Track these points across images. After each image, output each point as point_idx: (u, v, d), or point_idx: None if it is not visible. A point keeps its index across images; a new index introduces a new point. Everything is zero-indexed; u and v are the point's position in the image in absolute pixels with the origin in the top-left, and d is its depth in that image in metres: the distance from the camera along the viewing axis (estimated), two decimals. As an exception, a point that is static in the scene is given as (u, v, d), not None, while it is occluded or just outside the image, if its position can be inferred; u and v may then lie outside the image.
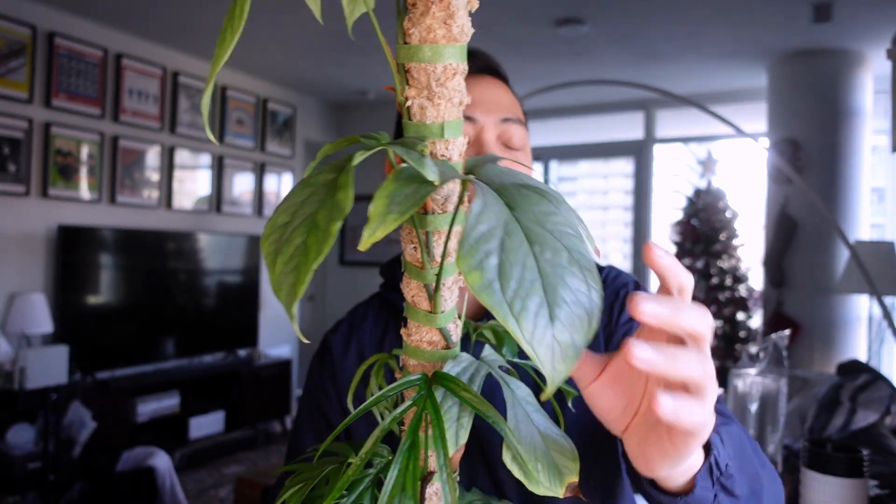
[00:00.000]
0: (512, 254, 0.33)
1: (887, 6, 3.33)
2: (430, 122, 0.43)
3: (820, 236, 3.98)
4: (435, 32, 0.42)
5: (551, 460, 0.46)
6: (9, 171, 3.54)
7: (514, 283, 0.33)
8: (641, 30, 3.79)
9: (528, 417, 0.47)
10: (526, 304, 0.32)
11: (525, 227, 0.35)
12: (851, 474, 1.26)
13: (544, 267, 0.33)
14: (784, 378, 1.60)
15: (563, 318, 0.33)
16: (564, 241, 0.35)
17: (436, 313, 0.46)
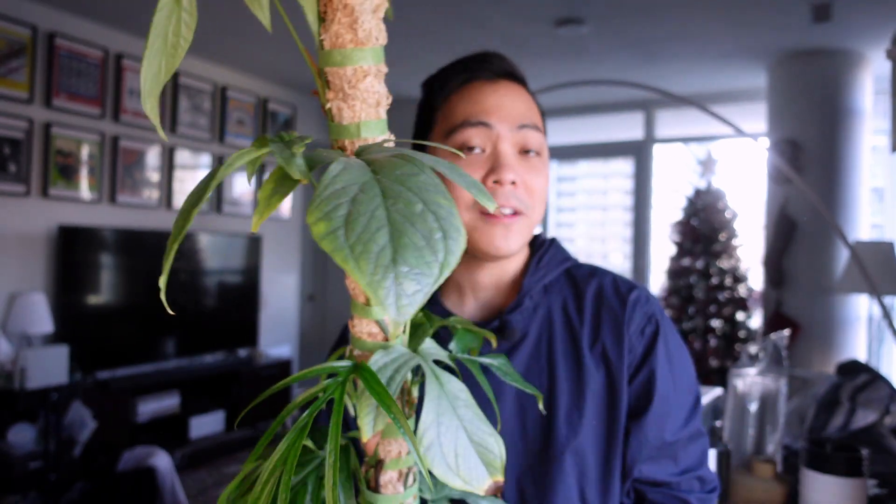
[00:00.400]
0: (362, 205, 0.34)
1: (887, 6, 3.33)
2: (347, 123, 0.46)
3: (819, 236, 3.98)
4: (343, 38, 0.44)
5: (474, 456, 0.46)
6: (9, 171, 3.54)
7: (360, 229, 0.33)
8: (641, 30, 3.79)
9: (452, 412, 0.47)
10: (368, 248, 0.32)
11: (384, 185, 0.35)
12: (851, 474, 1.27)
13: (394, 216, 0.33)
14: (784, 378, 1.61)
15: (408, 259, 0.32)
16: (422, 195, 0.35)
17: (371, 306, 0.48)
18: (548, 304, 0.84)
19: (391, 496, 0.53)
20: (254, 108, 5.06)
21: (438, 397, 0.47)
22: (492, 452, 0.46)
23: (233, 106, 4.86)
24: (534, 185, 0.80)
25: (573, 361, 0.81)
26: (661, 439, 0.80)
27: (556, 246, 0.89)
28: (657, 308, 0.84)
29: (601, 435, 0.79)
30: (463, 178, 0.41)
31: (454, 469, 0.45)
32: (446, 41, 4.03)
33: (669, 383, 0.81)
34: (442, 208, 0.35)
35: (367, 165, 0.37)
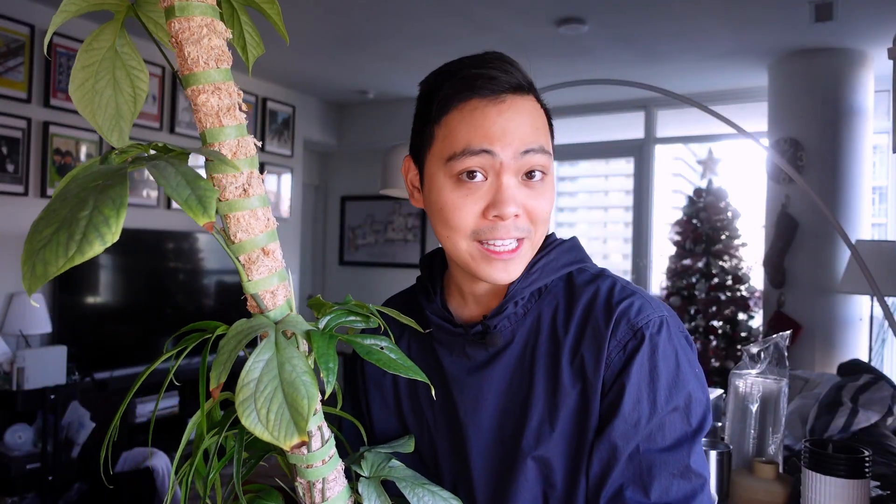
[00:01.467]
0: (61, 203, 0.47)
1: (888, 5, 3.32)
2: (200, 132, 0.62)
3: (821, 236, 3.97)
4: (182, 66, 0.60)
5: (286, 415, 0.51)
6: (7, 171, 3.53)
7: (44, 222, 0.46)
8: (642, 29, 3.78)
9: (276, 373, 0.54)
10: (34, 236, 0.47)
11: (87, 193, 0.46)
12: (853, 475, 1.25)
13: (66, 217, 0.46)
14: (785, 378, 1.59)
15: (47, 251, 0.46)
16: (97, 204, 0.45)
17: (243, 281, 0.60)
18: (538, 310, 0.81)
19: (297, 456, 0.62)
20: (253, 107, 5.05)
21: (268, 360, 0.54)
22: (300, 413, 0.51)
23: (232, 106, 4.86)
24: (536, 209, 0.76)
25: (551, 375, 0.77)
26: (626, 457, 0.72)
27: (562, 248, 0.84)
28: (651, 322, 0.75)
29: (571, 453, 0.75)
30: (183, 188, 0.51)
31: (264, 423, 0.51)
32: (446, 41, 4.02)
33: (647, 400, 0.73)
34: (100, 216, 0.45)
35: (109, 173, 0.49)
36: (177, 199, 0.47)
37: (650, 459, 0.71)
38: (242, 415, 0.50)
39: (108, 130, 0.58)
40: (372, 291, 5.85)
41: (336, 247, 6.22)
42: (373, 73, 4.84)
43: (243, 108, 0.58)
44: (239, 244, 0.59)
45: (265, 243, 0.61)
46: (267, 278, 0.60)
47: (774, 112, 4.26)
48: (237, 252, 0.59)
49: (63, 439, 3.14)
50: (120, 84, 0.62)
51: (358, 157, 6.11)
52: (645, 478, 0.71)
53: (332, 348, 0.59)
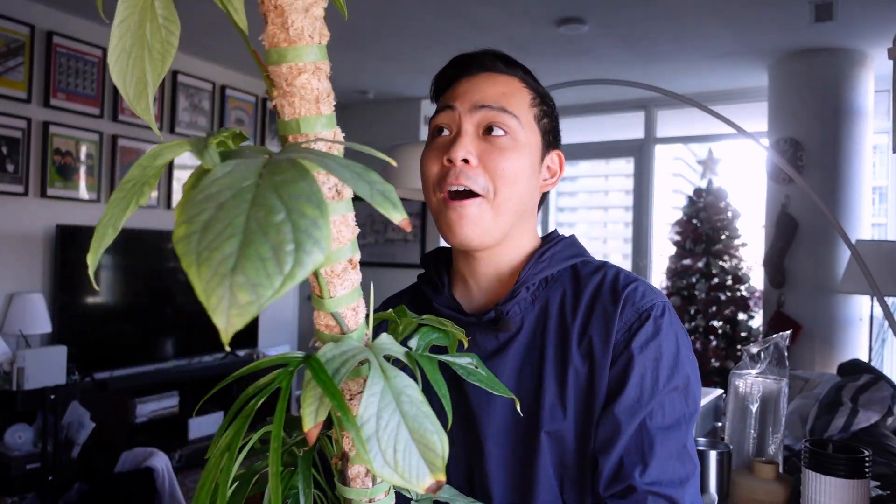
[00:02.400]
0: (225, 212, 0.34)
1: (889, 5, 3.32)
2: (289, 119, 0.47)
3: (821, 236, 3.97)
4: (277, 37, 0.46)
5: (416, 453, 0.46)
6: (7, 171, 3.53)
7: (212, 236, 0.33)
8: (642, 29, 3.78)
9: (395, 407, 0.47)
10: (212, 256, 0.32)
11: (258, 192, 0.35)
12: (853, 475, 1.25)
13: (251, 225, 0.33)
14: (785, 378, 1.59)
15: (247, 270, 0.32)
16: (290, 203, 0.34)
17: (324, 298, 0.50)
18: (546, 297, 0.84)
19: (360, 490, 0.53)
20: (253, 107, 5.05)
21: (382, 391, 0.47)
22: (434, 451, 0.46)
23: (232, 105, 4.85)
24: (494, 165, 0.79)
25: (561, 358, 0.80)
26: (629, 433, 0.74)
27: (566, 242, 0.88)
28: (655, 306, 0.79)
29: (581, 432, 0.78)
30: (361, 182, 0.41)
31: (391, 465, 0.45)
32: (446, 41, 4.02)
33: (650, 378, 0.76)
34: (305, 218, 0.34)
35: (262, 167, 0.37)
36: (361, 194, 0.40)
37: (651, 436, 0.74)
38: (369, 457, 0.45)
39: (136, 98, 0.47)
40: (372, 292, 5.84)
41: (336, 247, 6.22)
42: (373, 73, 4.84)
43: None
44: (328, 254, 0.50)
45: (352, 253, 0.53)
46: (350, 293, 0.53)
47: (774, 112, 4.26)
48: (325, 263, 0.51)
49: (63, 439, 3.14)
50: (150, 40, 0.51)
51: (357, 158, 6.09)
52: (646, 454, 0.74)
53: (438, 373, 0.55)
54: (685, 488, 0.74)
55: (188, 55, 4.53)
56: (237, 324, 0.31)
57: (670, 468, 0.74)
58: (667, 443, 0.74)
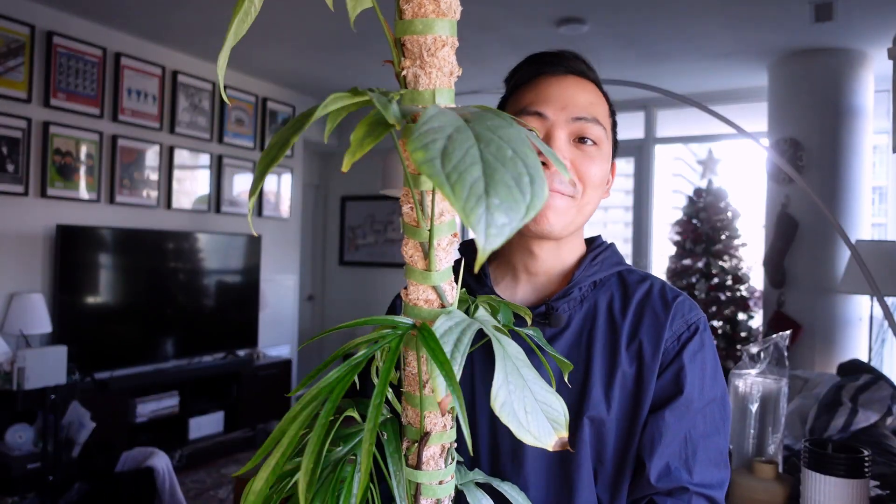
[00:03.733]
0: (457, 143, 0.36)
1: (888, 5, 3.32)
2: (423, 90, 0.48)
3: (821, 236, 3.97)
4: (425, 8, 0.47)
5: (540, 413, 0.49)
6: (7, 171, 3.53)
7: (455, 161, 0.35)
8: (642, 29, 3.78)
9: (517, 372, 0.50)
10: (463, 178, 0.34)
11: (476, 130, 0.38)
12: (852, 475, 1.25)
13: (487, 156, 0.36)
14: (785, 378, 1.59)
15: (500, 193, 0.34)
16: (512, 144, 0.37)
17: (431, 271, 0.51)
18: (595, 298, 0.88)
19: (433, 472, 0.54)
20: (253, 107, 5.05)
21: (504, 359, 0.50)
22: (555, 410, 0.49)
23: (232, 105, 4.85)
24: (584, 171, 0.85)
25: (609, 356, 0.84)
26: (677, 437, 0.80)
27: (612, 249, 0.94)
28: (701, 320, 0.86)
29: (624, 428, 0.82)
30: (538, 142, 0.42)
31: (525, 426, 0.48)
32: (446, 40, 4.02)
33: (697, 387, 0.82)
34: (529, 157, 0.37)
35: (461, 115, 0.40)
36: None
37: (695, 443, 0.81)
38: (508, 420, 0.48)
39: (223, 60, 0.49)
40: (372, 292, 5.86)
41: (336, 247, 6.22)
42: (373, 73, 4.84)
43: None
44: (440, 225, 0.51)
45: (456, 228, 0.53)
46: (450, 268, 0.53)
47: (774, 112, 4.26)
48: (437, 234, 0.51)
49: (63, 439, 3.14)
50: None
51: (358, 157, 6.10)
52: (690, 460, 0.80)
53: (534, 343, 0.60)
54: (722, 490, 0.82)
55: (188, 55, 4.53)
56: (495, 243, 0.33)
57: (710, 473, 0.80)
58: (708, 451, 0.81)
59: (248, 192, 0.42)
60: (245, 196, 5.02)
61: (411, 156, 0.35)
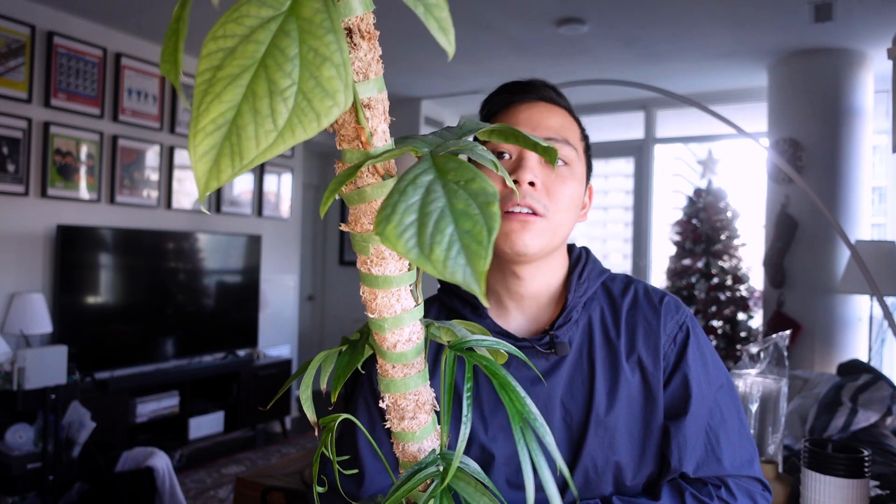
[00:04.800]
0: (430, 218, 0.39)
1: (888, 6, 3.32)
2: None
3: (820, 236, 3.97)
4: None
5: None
6: (8, 171, 3.53)
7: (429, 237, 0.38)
8: (642, 29, 3.78)
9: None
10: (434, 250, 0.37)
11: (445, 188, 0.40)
12: (852, 475, 1.26)
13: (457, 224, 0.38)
14: (785, 378, 1.60)
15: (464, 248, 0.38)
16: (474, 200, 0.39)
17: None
18: (587, 315, 0.90)
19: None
20: (253, 107, 5.05)
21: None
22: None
23: (232, 106, 4.85)
24: (556, 190, 0.86)
25: (611, 371, 0.87)
26: (700, 436, 0.84)
27: (592, 258, 0.95)
28: (687, 314, 0.90)
29: (636, 437, 0.85)
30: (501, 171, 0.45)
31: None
32: (446, 41, 4.02)
33: (704, 382, 0.86)
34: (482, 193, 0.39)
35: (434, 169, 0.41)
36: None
37: (716, 432, 0.85)
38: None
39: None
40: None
41: (336, 247, 6.22)
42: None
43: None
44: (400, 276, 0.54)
45: (413, 278, 0.57)
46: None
47: (774, 112, 4.26)
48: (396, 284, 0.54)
49: (64, 439, 3.14)
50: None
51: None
52: (716, 449, 0.84)
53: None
54: (754, 465, 0.86)
55: (188, 55, 4.53)
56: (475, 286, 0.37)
57: (738, 453, 0.85)
58: (729, 435, 0.86)
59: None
60: (245, 197, 5.02)
61: (381, 231, 0.37)
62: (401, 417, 0.54)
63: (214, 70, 0.36)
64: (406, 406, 0.53)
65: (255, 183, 5.11)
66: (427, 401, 0.55)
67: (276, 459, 4.35)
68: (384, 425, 0.57)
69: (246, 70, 0.36)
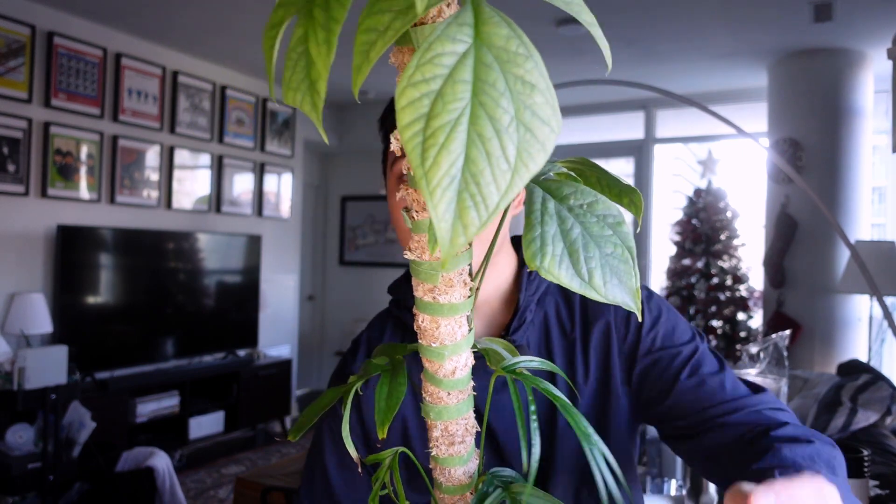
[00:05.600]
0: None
1: (888, 6, 3.33)
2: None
3: (820, 236, 3.98)
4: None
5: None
6: (8, 171, 3.53)
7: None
8: (642, 29, 3.78)
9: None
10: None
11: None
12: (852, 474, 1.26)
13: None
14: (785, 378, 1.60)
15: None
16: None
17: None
18: (543, 311, 0.88)
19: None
20: (253, 107, 5.05)
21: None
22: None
23: (232, 105, 4.86)
24: None
25: (569, 365, 0.85)
26: (708, 384, 0.80)
27: None
28: (662, 302, 0.88)
29: (596, 412, 0.84)
30: None
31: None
32: (446, 41, 4.02)
33: (679, 355, 0.82)
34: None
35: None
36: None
37: (712, 387, 0.80)
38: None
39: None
40: (372, 292, 5.86)
41: (336, 247, 6.22)
42: (373, 73, 4.84)
43: None
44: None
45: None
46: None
47: (774, 112, 4.26)
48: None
49: (64, 439, 3.14)
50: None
51: (358, 157, 6.11)
52: (720, 394, 0.79)
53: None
54: (735, 388, 0.80)
55: (188, 55, 4.53)
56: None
57: (742, 388, 0.80)
58: (723, 382, 0.79)
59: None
60: (245, 197, 5.02)
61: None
62: (450, 443, 0.54)
63: (425, 118, 0.34)
64: (456, 431, 0.53)
65: (255, 183, 5.12)
66: (473, 423, 0.55)
67: (276, 459, 4.35)
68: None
69: (462, 113, 0.34)
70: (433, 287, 0.49)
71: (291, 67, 0.40)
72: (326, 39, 0.37)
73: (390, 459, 0.55)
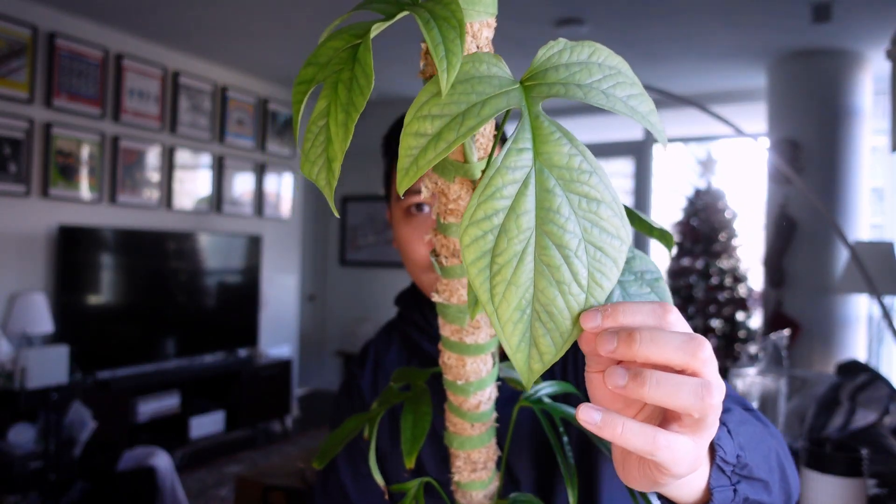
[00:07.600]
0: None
1: (887, 6, 3.33)
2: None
3: (819, 236, 3.98)
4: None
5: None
6: (9, 172, 3.54)
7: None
8: (641, 30, 3.79)
9: None
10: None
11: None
12: (850, 474, 1.27)
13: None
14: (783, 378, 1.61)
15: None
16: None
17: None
18: None
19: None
20: (253, 108, 5.06)
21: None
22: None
23: (233, 106, 4.86)
24: None
25: (563, 374, 0.83)
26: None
27: None
28: None
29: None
30: None
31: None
32: (446, 41, 4.03)
33: None
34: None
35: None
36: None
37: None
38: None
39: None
40: (373, 292, 5.86)
41: (336, 247, 6.23)
42: (375, 73, 4.85)
43: None
44: None
45: None
46: None
47: (773, 113, 4.27)
48: None
49: (65, 438, 3.15)
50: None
51: (359, 157, 6.11)
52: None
53: None
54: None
55: (188, 55, 4.54)
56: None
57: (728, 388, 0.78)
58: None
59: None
60: (246, 197, 5.03)
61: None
62: (472, 470, 0.55)
63: (489, 254, 0.34)
64: (478, 459, 0.55)
65: (255, 183, 5.12)
66: (495, 449, 0.56)
67: (277, 459, 4.36)
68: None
69: (527, 245, 0.34)
70: (460, 328, 0.50)
71: (311, 140, 0.41)
72: (345, 123, 0.39)
73: (416, 490, 0.55)
